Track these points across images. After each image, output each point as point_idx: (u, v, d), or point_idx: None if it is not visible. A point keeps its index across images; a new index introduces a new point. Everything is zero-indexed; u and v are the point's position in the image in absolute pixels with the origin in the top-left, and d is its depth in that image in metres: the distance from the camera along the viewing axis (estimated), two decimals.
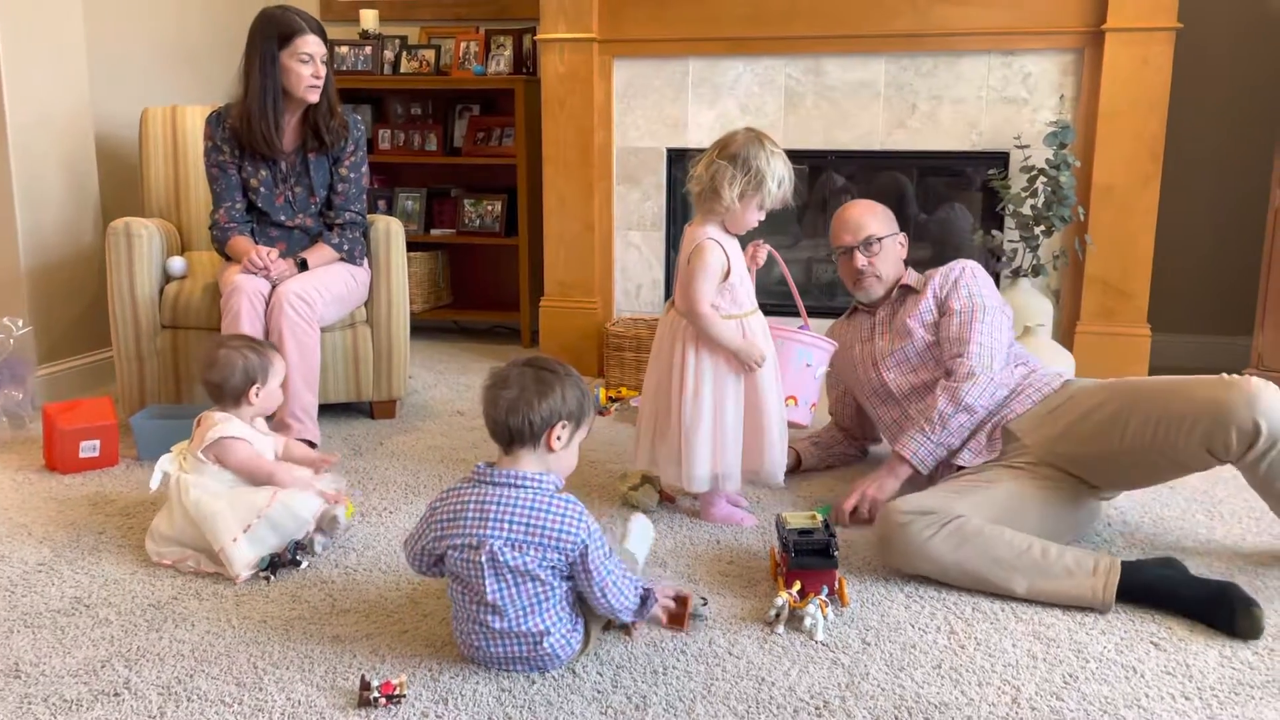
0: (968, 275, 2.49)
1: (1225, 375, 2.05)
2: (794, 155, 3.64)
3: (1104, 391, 2.22)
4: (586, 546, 1.66)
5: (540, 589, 1.67)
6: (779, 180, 2.25)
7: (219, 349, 2.26)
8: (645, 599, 1.75)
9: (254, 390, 2.26)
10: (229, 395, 2.26)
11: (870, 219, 2.58)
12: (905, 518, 2.02)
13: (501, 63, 4.24)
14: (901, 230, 2.64)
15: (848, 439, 2.83)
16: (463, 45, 4.30)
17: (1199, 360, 3.83)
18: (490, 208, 4.34)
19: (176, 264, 3.06)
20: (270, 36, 2.76)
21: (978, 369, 2.34)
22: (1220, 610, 1.85)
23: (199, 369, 2.39)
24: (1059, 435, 2.21)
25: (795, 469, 2.72)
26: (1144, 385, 2.17)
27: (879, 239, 2.55)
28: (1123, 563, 1.95)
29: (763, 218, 2.32)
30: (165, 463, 2.22)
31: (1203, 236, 3.82)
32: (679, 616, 1.87)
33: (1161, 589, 1.93)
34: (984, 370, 2.34)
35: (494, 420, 1.71)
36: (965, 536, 1.99)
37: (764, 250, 2.45)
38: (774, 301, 3.74)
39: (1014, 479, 2.17)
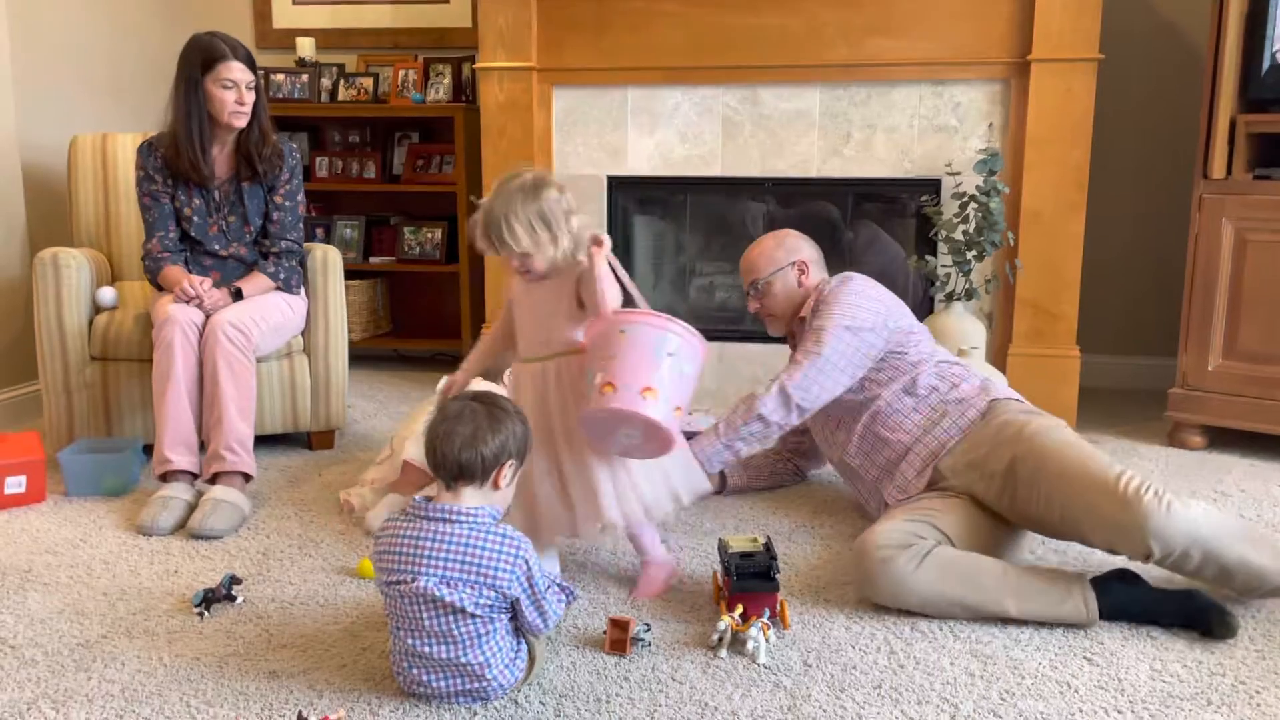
0: (841, 291, 2.47)
1: (1121, 486, 1.98)
2: (732, 183, 3.73)
3: (1022, 444, 2.17)
4: (528, 580, 1.66)
5: (479, 625, 1.65)
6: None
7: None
8: (569, 598, 1.79)
9: (506, 374, 2.59)
10: (490, 374, 2.62)
11: (760, 259, 2.62)
12: (887, 553, 2.01)
13: (440, 91, 4.24)
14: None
15: (783, 459, 2.86)
16: (401, 73, 4.29)
17: (1127, 381, 3.93)
18: (430, 235, 4.33)
19: (106, 294, 3.00)
20: (194, 62, 2.74)
21: (799, 396, 2.38)
22: (1198, 619, 1.95)
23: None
24: (981, 483, 2.22)
25: (720, 490, 2.75)
26: (1054, 458, 2.11)
27: (763, 280, 2.59)
28: (1090, 580, 2.01)
29: (515, 265, 2.06)
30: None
31: (1128, 261, 3.94)
32: (621, 642, 1.87)
33: (1134, 608, 1.99)
34: (805, 397, 2.38)
35: (444, 455, 1.68)
36: (945, 566, 2.00)
37: (602, 234, 2.04)
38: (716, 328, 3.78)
39: (961, 507, 2.18)
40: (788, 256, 2.60)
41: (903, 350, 2.45)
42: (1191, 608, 1.96)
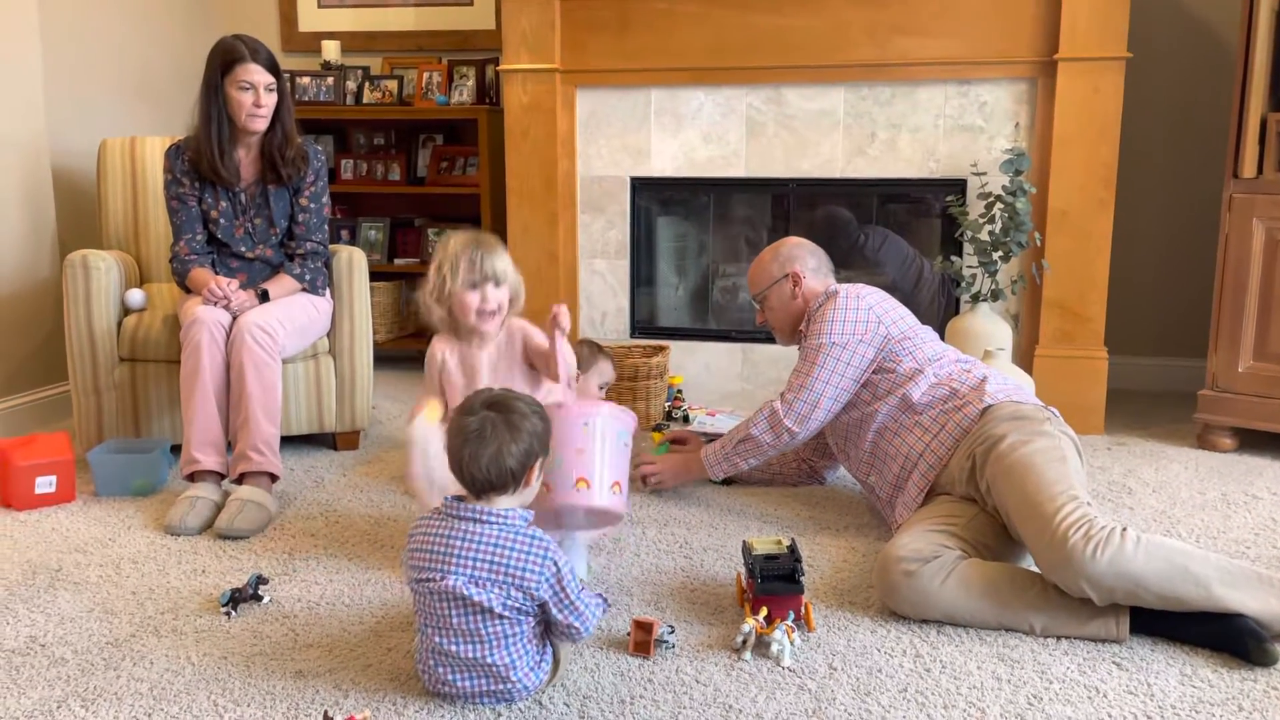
0: (827, 308, 2.48)
1: (1055, 524, 1.90)
2: (756, 183, 3.72)
3: (990, 464, 2.12)
4: (558, 582, 1.66)
5: (506, 626, 1.66)
6: (448, 264, 2.18)
7: (580, 344, 2.95)
8: (604, 605, 1.79)
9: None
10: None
11: (755, 274, 2.70)
12: (911, 566, 1.98)
13: (464, 93, 4.25)
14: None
15: (800, 458, 2.85)
16: (425, 75, 4.31)
17: (1156, 382, 3.89)
18: None
19: (135, 296, 3.03)
20: (215, 65, 2.77)
21: (789, 419, 2.46)
22: (1234, 644, 1.84)
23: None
24: (976, 494, 2.19)
25: (730, 481, 2.80)
26: (1014, 481, 2.05)
27: (760, 295, 2.67)
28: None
29: (476, 301, 2.18)
30: None
31: (1157, 261, 3.90)
32: (645, 644, 1.86)
33: (1169, 630, 1.90)
34: (795, 419, 2.46)
35: (472, 476, 1.68)
36: (971, 581, 1.96)
37: (563, 312, 2.14)
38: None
39: (976, 511, 2.15)
40: (781, 269, 2.64)
41: (895, 362, 2.43)
42: (1230, 633, 1.85)
